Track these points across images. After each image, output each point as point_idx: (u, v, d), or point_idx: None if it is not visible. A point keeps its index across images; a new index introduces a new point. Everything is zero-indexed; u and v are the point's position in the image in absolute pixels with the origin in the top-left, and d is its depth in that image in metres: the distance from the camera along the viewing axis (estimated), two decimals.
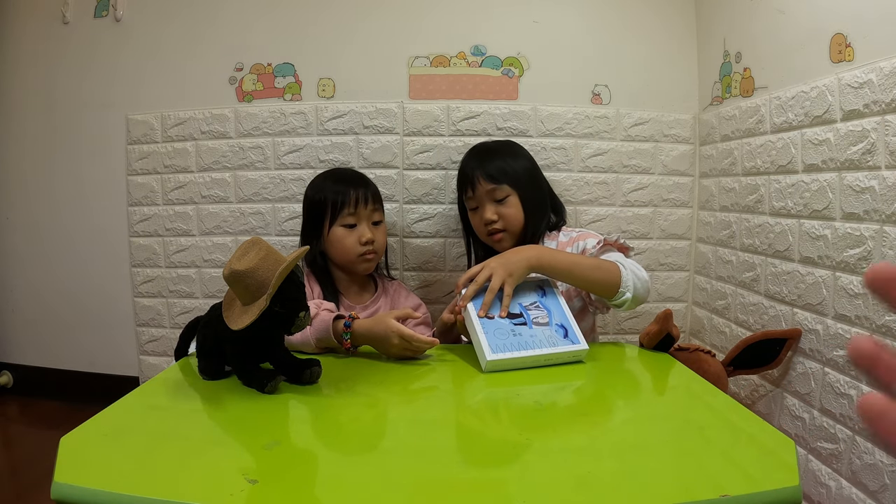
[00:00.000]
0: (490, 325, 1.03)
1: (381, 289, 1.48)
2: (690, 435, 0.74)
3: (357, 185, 1.39)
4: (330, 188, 1.39)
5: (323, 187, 1.41)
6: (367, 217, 1.39)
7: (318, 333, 1.08)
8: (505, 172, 1.37)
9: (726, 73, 1.63)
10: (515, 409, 0.87)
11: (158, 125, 1.84)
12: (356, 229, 1.37)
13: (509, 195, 1.35)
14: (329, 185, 1.41)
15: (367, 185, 1.42)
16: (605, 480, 0.65)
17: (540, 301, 1.11)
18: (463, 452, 0.72)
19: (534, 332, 1.03)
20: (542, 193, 1.44)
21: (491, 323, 1.03)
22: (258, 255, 0.87)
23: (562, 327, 1.05)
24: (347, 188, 1.37)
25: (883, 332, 1.07)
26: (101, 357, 1.97)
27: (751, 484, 0.62)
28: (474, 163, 1.41)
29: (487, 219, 1.35)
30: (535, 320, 1.05)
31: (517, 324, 1.04)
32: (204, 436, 0.76)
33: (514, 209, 1.35)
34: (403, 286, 1.57)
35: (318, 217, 1.39)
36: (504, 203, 1.35)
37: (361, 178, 1.45)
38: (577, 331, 1.05)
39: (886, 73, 1.05)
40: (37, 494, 1.44)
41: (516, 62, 1.78)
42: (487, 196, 1.36)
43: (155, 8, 1.84)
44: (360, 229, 1.37)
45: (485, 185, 1.36)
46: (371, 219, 1.40)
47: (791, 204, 1.33)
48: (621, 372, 1.05)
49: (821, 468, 1.23)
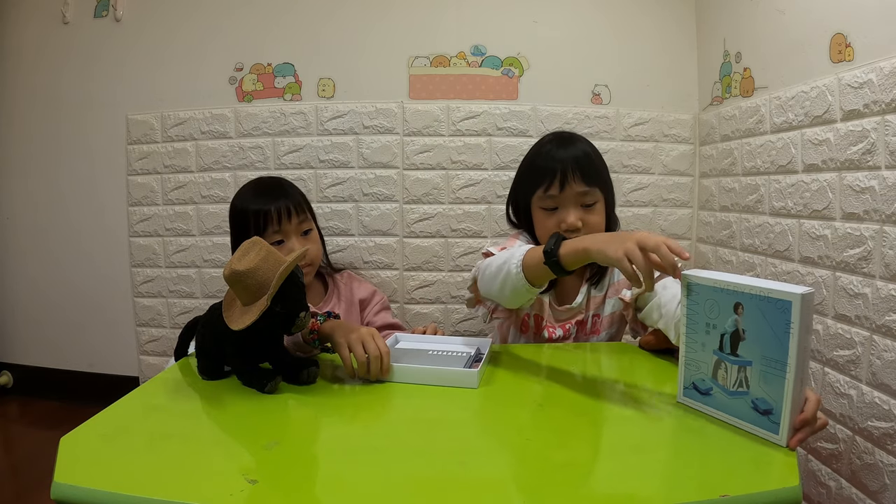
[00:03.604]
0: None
1: (332, 286, 1.43)
2: (690, 435, 0.74)
3: (278, 198, 1.28)
4: (251, 204, 1.28)
5: (245, 200, 1.30)
6: (294, 230, 1.29)
7: (293, 337, 1.04)
8: (599, 174, 1.19)
9: (726, 73, 1.63)
10: (515, 408, 0.87)
11: (158, 125, 1.84)
12: (284, 246, 1.27)
13: (598, 201, 1.19)
14: (250, 200, 1.29)
15: (288, 195, 1.31)
16: (605, 480, 0.65)
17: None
18: (463, 452, 0.72)
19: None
20: (614, 203, 1.29)
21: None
22: (258, 255, 0.87)
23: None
24: (269, 203, 1.26)
25: (883, 331, 1.07)
26: (101, 357, 1.97)
27: (751, 484, 0.62)
28: (564, 155, 1.18)
29: (571, 224, 1.15)
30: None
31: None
32: (204, 436, 0.76)
33: (599, 217, 1.19)
34: (354, 275, 1.51)
35: (243, 233, 1.26)
36: (591, 209, 1.18)
37: (282, 188, 1.34)
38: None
39: (886, 73, 1.05)
40: (37, 494, 1.44)
41: (516, 62, 1.78)
42: (576, 198, 1.17)
43: (155, 8, 1.84)
44: (289, 245, 1.27)
45: (577, 185, 1.16)
46: (299, 230, 1.30)
47: (791, 204, 1.33)
48: (621, 372, 1.05)
49: (821, 468, 1.23)
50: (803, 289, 0.68)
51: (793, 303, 0.67)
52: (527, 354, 1.12)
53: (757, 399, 0.72)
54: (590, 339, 1.27)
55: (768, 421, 0.71)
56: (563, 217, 1.17)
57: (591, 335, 1.27)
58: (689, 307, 0.81)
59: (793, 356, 0.68)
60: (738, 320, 0.74)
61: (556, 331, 1.24)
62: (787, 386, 0.69)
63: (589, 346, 1.22)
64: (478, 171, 1.79)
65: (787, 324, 0.68)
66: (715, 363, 0.78)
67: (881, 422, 1.07)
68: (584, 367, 1.09)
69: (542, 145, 1.26)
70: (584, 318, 1.26)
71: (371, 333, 0.94)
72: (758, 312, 0.71)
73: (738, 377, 0.75)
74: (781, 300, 0.68)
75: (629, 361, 1.08)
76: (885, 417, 1.06)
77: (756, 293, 0.71)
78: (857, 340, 1.13)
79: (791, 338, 0.68)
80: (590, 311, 1.26)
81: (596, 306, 1.26)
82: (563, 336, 1.25)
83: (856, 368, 1.13)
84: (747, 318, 0.73)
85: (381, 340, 0.94)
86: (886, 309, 1.06)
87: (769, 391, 0.71)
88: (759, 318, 0.71)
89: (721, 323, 0.76)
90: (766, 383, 0.71)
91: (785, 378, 0.69)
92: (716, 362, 0.78)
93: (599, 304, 1.26)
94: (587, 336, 1.27)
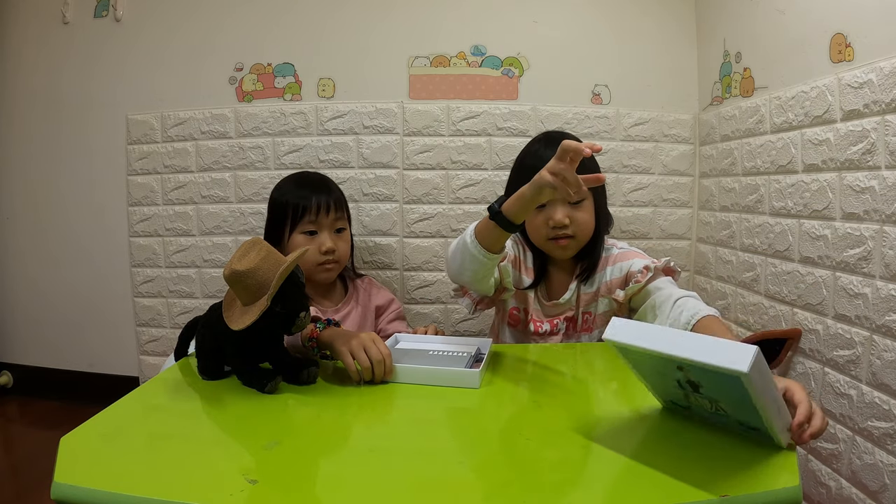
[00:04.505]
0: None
1: (352, 289, 1.46)
2: (690, 435, 0.74)
3: (320, 192, 1.34)
4: (293, 192, 1.35)
5: (286, 191, 1.37)
6: (329, 225, 1.35)
7: (292, 340, 1.05)
8: (588, 171, 1.21)
9: (726, 73, 1.63)
10: (515, 409, 0.87)
11: (158, 125, 1.84)
12: (317, 237, 1.33)
13: (586, 199, 1.19)
14: (292, 190, 1.37)
15: (330, 191, 1.38)
16: (606, 480, 0.65)
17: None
18: (463, 452, 0.72)
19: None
20: (606, 201, 1.31)
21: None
22: (259, 255, 0.87)
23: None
24: (310, 194, 1.33)
25: (883, 332, 1.07)
26: (101, 357, 1.97)
27: (751, 484, 0.62)
28: (552, 154, 1.20)
29: (558, 221, 1.17)
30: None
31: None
32: (204, 436, 0.76)
33: (588, 215, 1.20)
34: (374, 282, 1.54)
35: (279, 221, 1.35)
36: (579, 206, 1.19)
37: (326, 184, 1.41)
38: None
39: (886, 73, 1.05)
40: (37, 494, 1.44)
41: (516, 62, 1.78)
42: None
43: (155, 8, 1.84)
44: (321, 237, 1.33)
45: None
46: (334, 227, 1.36)
47: (791, 204, 1.33)
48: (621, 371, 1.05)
49: (821, 468, 1.23)
50: (748, 357, 0.58)
51: (741, 378, 0.60)
52: (527, 355, 1.12)
53: (740, 422, 0.69)
54: (581, 336, 1.27)
55: (757, 434, 0.68)
56: (551, 214, 1.17)
57: (582, 332, 1.27)
58: (632, 365, 0.77)
59: (762, 406, 0.63)
60: (687, 376, 0.69)
61: (542, 325, 1.25)
62: (765, 417, 0.64)
63: (588, 347, 1.22)
64: (478, 171, 1.79)
65: (743, 388, 0.61)
66: (684, 394, 0.74)
67: (881, 422, 1.07)
68: (585, 368, 1.09)
69: (532, 145, 1.28)
70: (574, 314, 1.26)
71: (371, 338, 0.94)
72: (707, 375, 0.66)
73: (713, 406, 0.71)
74: (729, 376, 0.61)
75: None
76: (885, 417, 1.06)
77: (698, 366, 0.64)
78: (857, 340, 1.13)
79: (753, 398, 0.62)
80: (580, 307, 1.26)
81: (586, 303, 1.26)
82: (549, 331, 1.25)
83: (856, 368, 1.13)
84: (698, 375, 0.67)
85: (382, 344, 0.94)
86: (886, 309, 1.06)
87: (749, 418, 0.67)
88: (711, 377, 0.66)
89: (671, 375, 0.71)
90: (743, 413, 0.67)
91: (760, 415, 0.64)
92: (684, 394, 0.74)
93: (590, 301, 1.26)
94: (578, 333, 1.27)
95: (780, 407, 0.66)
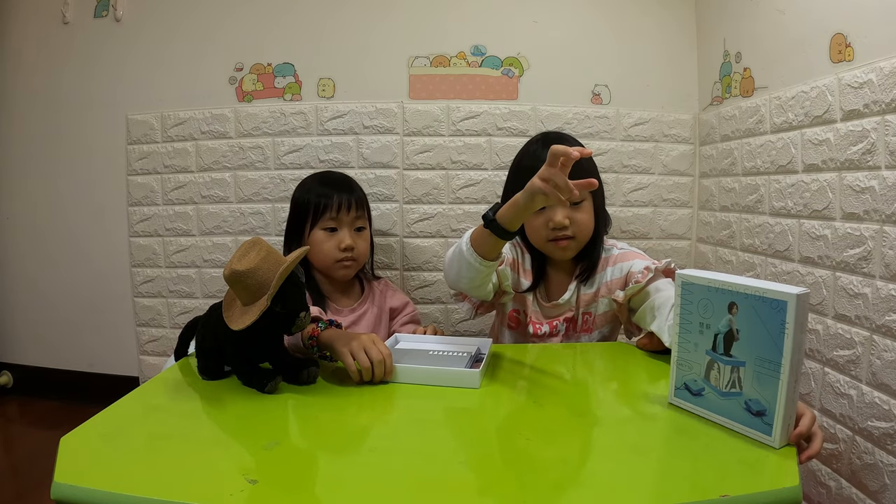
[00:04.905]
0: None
1: (368, 290, 1.47)
2: (691, 435, 0.74)
3: (342, 190, 1.37)
4: (315, 190, 1.38)
5: (309, 188, 1.40)
6: (349, 223, 1.37)
7: (292, 340, 1.05)
8: (586, 174, 1.19)
9: (726, 73, 1.63)
10: (515, 408, 0.87)
11: (158, 125, 1.84)
12: (336, 234, 1.35)
13: (585, 200, 1.20)
14: (314, 187, 1.39)
15: (352, 190, 1.40)
16: (605, 481, 0.65)
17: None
18: (463, 452, 0.72)
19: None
20: (604, 201, 1.31)
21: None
22: (259, 255, 0.87)
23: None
24: (332, 192, 1.36)
25: (883, 332, 1.07)
26: (101, 357, 1.97)
27: (751, 484, 0.62)
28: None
29: (558, 222, 1.17)
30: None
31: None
32: (204, 436, 0.76)
33: (587, 216, 1.20)
34: (390, 284, 1.55)
35: (300, 218, 1.37)
36: (579, 207, 1.19)
37: (348, 183, 1.43)
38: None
39: (886, 73, 1.05)
40: (37, 494, 1.44)
41: (516, 62, 1.79)
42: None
43: (155, 8, 1.84)
44: (341, 235, 1.35)
45: None
46: (354, 225, 1.38)
47: (791, 204, 1.33)
48: (621, 372, 1.05)
49: (821, 468, 1.23)
50: (799, 289, 0.67)
51: (788, 303, 0.67)
52: (526, 355, 1.12)
53: (750, 400, 0.72)
54: (581, 337, 1.27)
55: (761, 422, 0.71)
56: (551, 216, 1.17)
57: (582, 333, 1.26)
58: (683, 307, 0.81)
59: (787, 356, 0.68)
60: (731, 320, 0.74)
61: (542, 327, 1.25)
62: (781, 387, 0.68)
63: (588, 348, 1.22)
64: (478, 171, 1.79)
65: (782, 324, 0.68)
66: (707, 364, 0.78)
67: (881, 422, 1.07)
68: (584, 368, 1.09)
69: (530, 146, 1.28)
70: (574, 315, 1.26)
71: (372, 339, 0.95)
72: (752, 312, 0.71)
73: (731, 378, 0.75)
74: (777, 300, 0.68)
75: (629, 362, 1.08)
76: (885, 417, 1.06)
77: (751, 293, 0.71)
78: (857, 340, 1.13)
79: (786, 338, 0.67)
80: (580, 308, 1.26)
81: (586, 304, 1.26)
82: (549, 332, 1.25)
83: (856, 368, 1.13)
84: (741, 318, 0.73)
85: (382, 344, 0.94)
86: (886, 309, 1.06)
87: (762, 392, 0.71)
88: (754, 317, 0.71)
89: (715, 323, 0.76)
90: (760, 384, 0.71)
91: (779, 379, 0.69)
92: (708, 363, 0.77)
93: (590, 301, 1.26)
94: (578, 334, 1.27)
95: (798, 378, 0.70)
